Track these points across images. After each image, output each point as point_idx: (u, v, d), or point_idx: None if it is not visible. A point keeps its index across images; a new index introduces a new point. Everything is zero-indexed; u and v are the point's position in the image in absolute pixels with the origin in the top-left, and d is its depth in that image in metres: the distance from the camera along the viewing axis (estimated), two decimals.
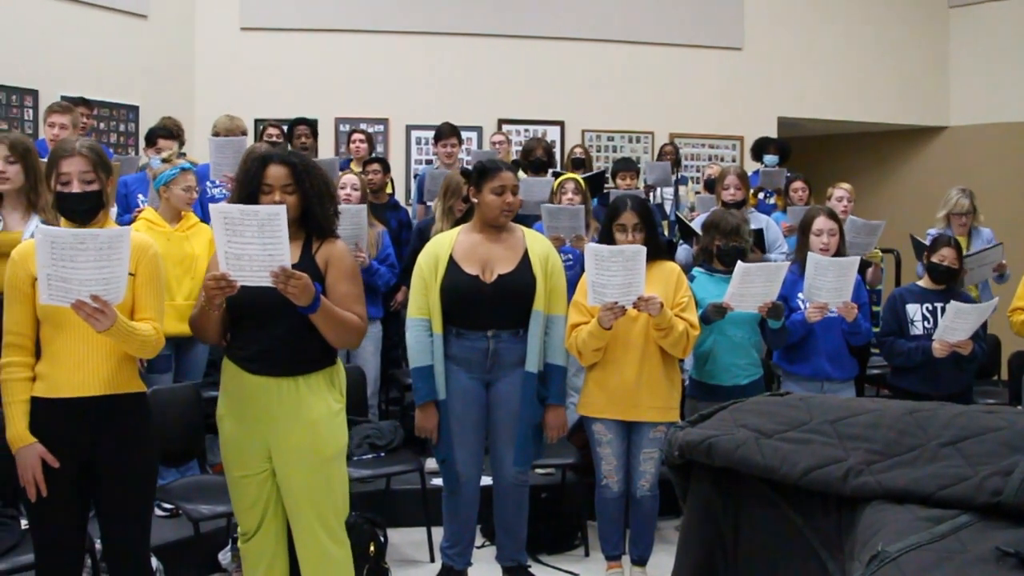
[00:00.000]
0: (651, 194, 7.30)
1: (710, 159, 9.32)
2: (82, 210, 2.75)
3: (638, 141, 9.58)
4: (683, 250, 5.41)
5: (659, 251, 3.86)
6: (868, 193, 9.11)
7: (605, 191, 6.37)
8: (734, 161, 9.33)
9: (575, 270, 4.50)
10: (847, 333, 4.21)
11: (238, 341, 2.96)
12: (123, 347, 2.67)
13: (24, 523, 3.23)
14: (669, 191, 7.59)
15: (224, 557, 4.04)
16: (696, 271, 4.18)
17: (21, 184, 3.82)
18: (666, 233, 6.48)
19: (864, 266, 5.16)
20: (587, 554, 4.40)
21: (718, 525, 1.65)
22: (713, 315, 3.85)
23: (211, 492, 3.75)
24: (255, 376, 2.91)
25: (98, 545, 3.26)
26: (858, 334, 4.21)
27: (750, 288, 3.81)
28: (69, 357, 2.68)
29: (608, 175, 6.91)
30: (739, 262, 3.83)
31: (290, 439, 2.91)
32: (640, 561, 3.94)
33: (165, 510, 4.04)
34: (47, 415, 2.68)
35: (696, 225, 5.18)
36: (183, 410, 3.91)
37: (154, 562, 3.10)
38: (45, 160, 3.94)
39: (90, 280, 2.43)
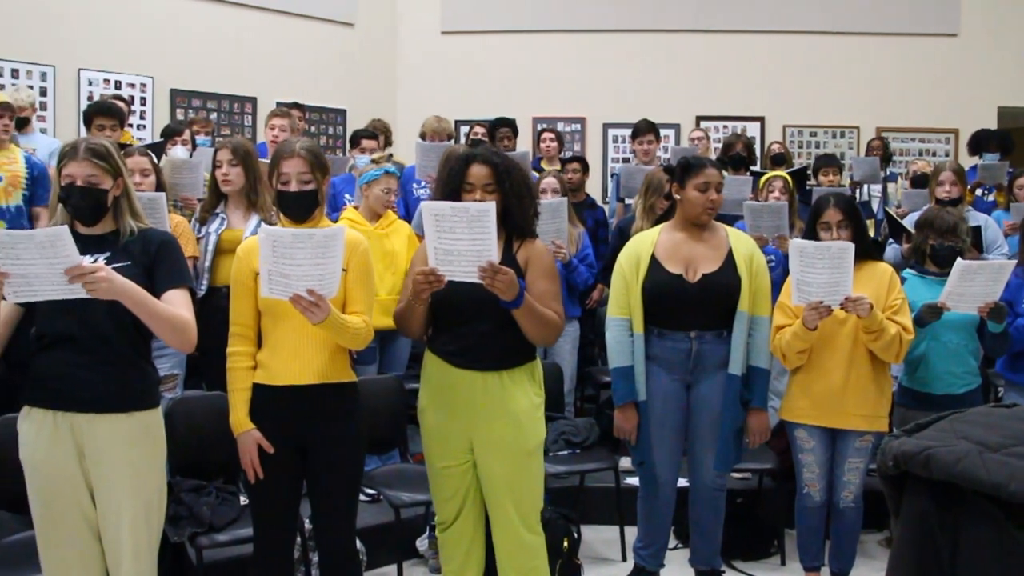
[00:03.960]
0: (857, 191, 6.99)
1: (921, 154, 8.84)
2: (299, 208, 2.90)
3: (843, 136, 9.22)
4: (891, 249, 5.15)
5: (869, 251, 3.68)
6: None
7: (807, 188, 6.15)
8: (947, 156, 8.80)
9: (777, 271, 4.37)
10: None
11: (443, 336, 3.05)
12: (335, 339, 2.80)
13: (243, 499, 3.47)
14: (876, 188, 7.25)
15: (422, 544, 4.18)
16: (907, 272, 3.96)
17: (242, 185, 4.10)
18: (872, 232, 6.19)
19: None
20: (783, 563, 4.26)
21: (935, 542, 1.57)
22: (927, 316, 3.63)
23: (412, 480, 3.89)
24: (460, 370, 2.99)
25: (308, 524, 3.45)
26: None
27: (969, 288, 3.57)
28: (287, 347, 2.83)
29: (810, 171, 6.68)
30: (959, 259, 3.60)
31: (492, 432, 2.97)
32: (840, 574, 3.78)
33: (368, 495, 4.20)
34: (266, 401, 2.85)
35: (908, 223, 4.92)
36: (387, 400, 4.06)
37: (357, 544, 3.23)
38: (264, 161, 4.23)
39: (307, 276, 2.56)
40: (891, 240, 5.29)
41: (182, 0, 7.94)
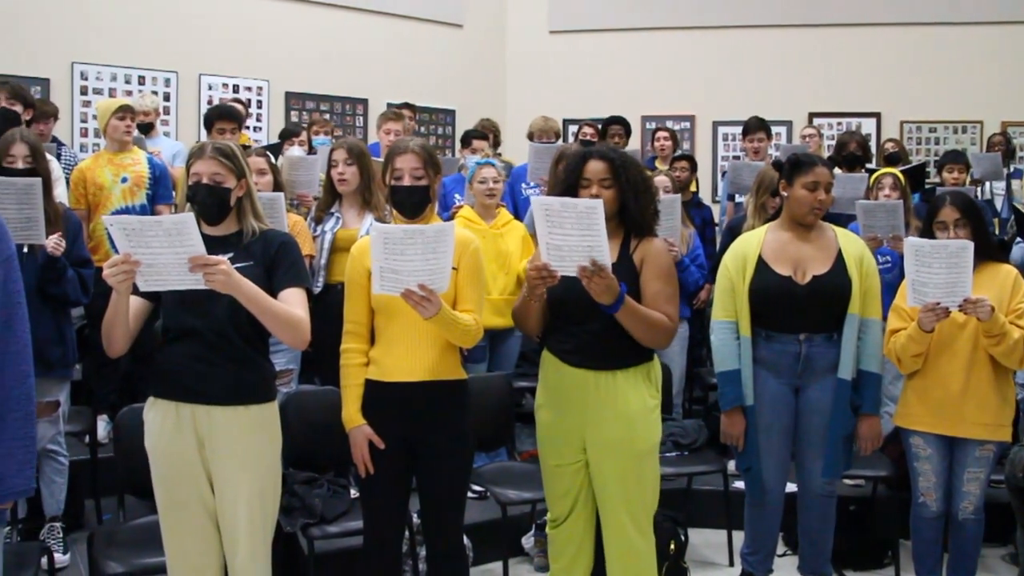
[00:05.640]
0: (979, 189, 6.71)
1: None
2: (411, 203, 2.95)
3: (964, 132, 8.87)
4: (1019, 248, 4.92)
5: (990, 251, 3.53)
6: None
7: (928, 186, 5.93)
8: None
9: (893, 273, 4.23)
10: None
11: (557, 335, 3.05)
12: (446, 335, 2.82)
13: (353, 492, 3.55)
14: (999, 185, 6.94)
15: (527, 542, 4.19)
16: None
17: (357, 184, 4.19)
18: (996, 232, 5.93)
19: None
20: (897, 574, 4.12)
21: None
22: None
23: (518, 478, 3.91)
24: (574, 369, 2.99)
25: (416, 519, 3.50)
26: None
27: None
28: (399, 345, 2.87)
29: (930, 168, 6.45)
30: None
31: (605, 432, 2.96)
32: None
33: (475, 492, 4.24)
34: (378, 397, 2.90)
35: None
36: (496, 398, 4.07)
37: (464, 540, 3.26)
38: (377, 160, 4.31)
39: (418, 271, 2.59)
40: (1019, 239, 5.05)
41: (295, 6, 8.18)
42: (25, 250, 3.56)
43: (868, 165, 6.01)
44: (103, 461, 4.22)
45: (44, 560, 3.11)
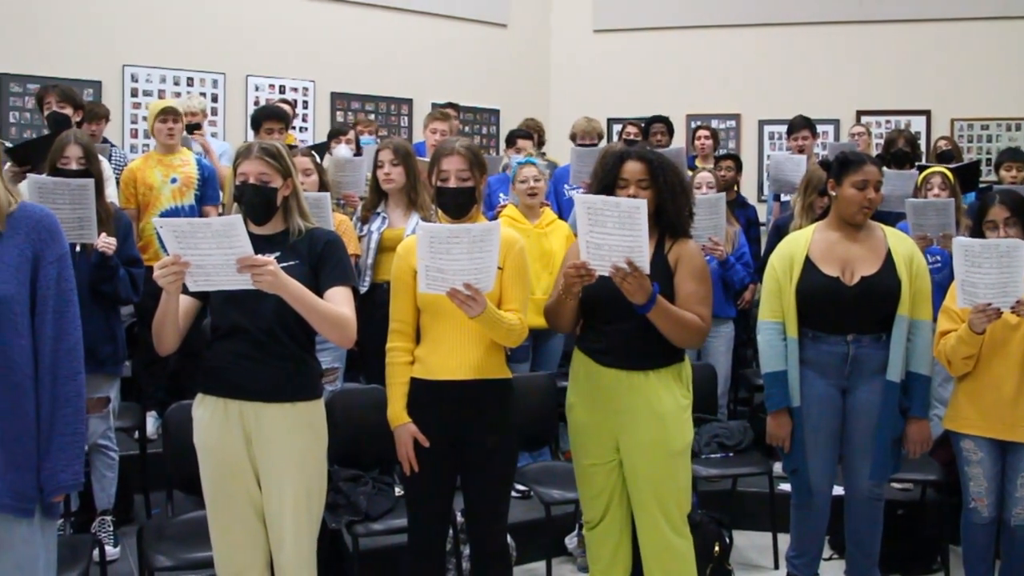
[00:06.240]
0: None
1: None
2: (456, 204, 2.95)
3: (1018, 129, 8.66)
4: None
5: None
6: None
7: (982, 185, 5.81)
8: None
9: (944, 273, 4.16)
10: None
11: (590, 334, 3.07)
12: (491, 334, 2.83)
13: (398, 490, 3.56)
14: None
15: (571, 542, 4.19)
16: None
17: (403, 184, 4.22)
18: None
19: None
20: None
21: None
22: None
23: (562, 477, 3.90)
24: (606, 368, 3.00)
25: (460, 518, 3.51)
26: None
27: None
28: (444, 343, 2.88)
29: (983, 167, 6.32)
30: None
31: (638, 431, 2.96)
32: None
33: (518, 491, 4.23)
34: (423, 396, 2.91)
35: None
36: (539, 398, 4.08)
37: (508, 539, 3.27)
38: (423, 160, 4.34)
39: (463, 270, 2.60)
40: None
41: (340, 7, 8.25)
42: (77, 249, 3.64)
43: (918, 163, 5.92)
44: (152, 456, 4.28)
45: (96, 552, 3.16)
